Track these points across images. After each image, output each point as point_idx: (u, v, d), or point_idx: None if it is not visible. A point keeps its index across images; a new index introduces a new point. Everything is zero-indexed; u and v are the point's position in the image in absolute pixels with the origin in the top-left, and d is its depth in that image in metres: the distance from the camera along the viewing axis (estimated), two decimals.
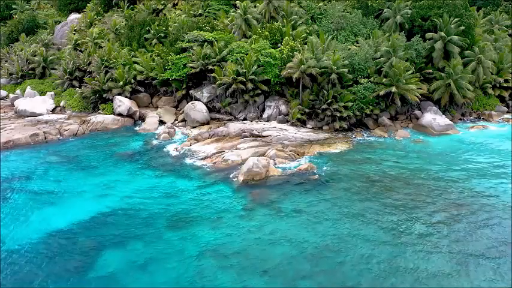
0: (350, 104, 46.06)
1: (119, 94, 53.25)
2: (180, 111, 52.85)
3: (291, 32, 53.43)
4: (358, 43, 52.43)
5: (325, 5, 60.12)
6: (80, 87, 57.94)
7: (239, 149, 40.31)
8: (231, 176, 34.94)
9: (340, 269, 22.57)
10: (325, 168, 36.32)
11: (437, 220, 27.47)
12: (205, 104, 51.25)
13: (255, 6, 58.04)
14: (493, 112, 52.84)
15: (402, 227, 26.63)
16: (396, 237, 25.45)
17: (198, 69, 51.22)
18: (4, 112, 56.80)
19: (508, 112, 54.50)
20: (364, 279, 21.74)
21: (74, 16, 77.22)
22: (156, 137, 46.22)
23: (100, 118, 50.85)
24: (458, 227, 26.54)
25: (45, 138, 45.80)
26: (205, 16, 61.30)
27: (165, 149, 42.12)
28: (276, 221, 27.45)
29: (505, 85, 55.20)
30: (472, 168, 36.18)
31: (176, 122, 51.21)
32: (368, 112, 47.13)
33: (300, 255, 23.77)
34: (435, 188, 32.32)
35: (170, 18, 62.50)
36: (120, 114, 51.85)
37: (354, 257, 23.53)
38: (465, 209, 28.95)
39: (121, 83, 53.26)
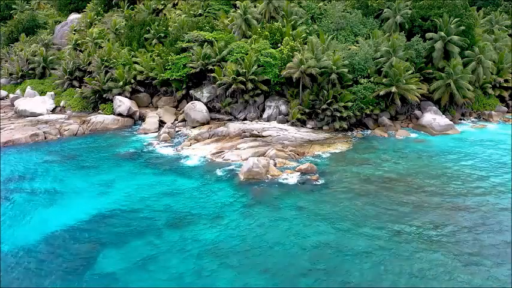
0: (350, 104, 46.06)
1: (119, 94, 53.27)
2: (180, 111, 52.85)
3: (291, 32, 53.44)
4: (358, 43, 52.43)
5: (325, 5, 60.16)
6: (80, 87, 57.98)
7: (239, 149, 40.31)
8: (231, 175, 34.93)
9: (341, 268, 22.55)
10: (325, 168, 36.31)
11: (437, 220, 27.43)
12: (205, 104, 51.25)
13: (255, 6, 58.06)
14: (493, 112, 52.87)
15: (403, 226, 26.60)
16: (397, 237, 25.42)
17: (198, 69, 51.23)
18: (4, 112, 56.83)
19: (508, 112, 54.56)
20: (365, 278, 21.73)
21: (74, 16, 77.29)
22: (156, 136, 46.22)
23: (100, 118, 50.86)
24: (458, 228, 26.50)
25: (45, 138, 45.82)
26: (205, 16, 61.32)
27: (165, 149, 42.11)
28: (276, 220, 27.42)
29: (505, 85, 55.28)
30: (472, 168, 36.15)
31: (176, 122, 51.21)
32: (368, 112, 47.15)
33: (300, 254, 23.77)
34: (435, 187, 32.30)
35: (170, 18, 62.56)
36: (120, 114, 51.85)
37: (354, 256, 23.51)
38: (466, 210, 28.91)
39: (121, 83, 53.28)
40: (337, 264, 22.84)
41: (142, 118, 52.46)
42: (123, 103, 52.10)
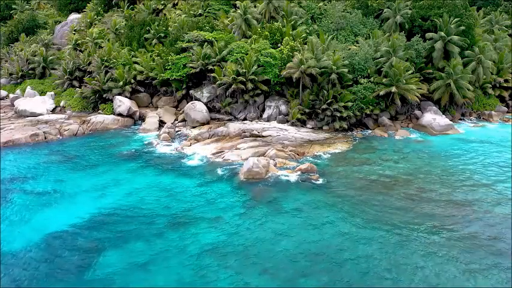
0: (350, 104, 46.06)
1: (119, 94, 53.27)
2: (180, 111, 52.85)
3: (291, 32, 53.44)
4: (358, 43, 52.44)
5: (325, 5, 60.17)
6: (80, 87, 57.97)
7: (239, 149, 40.32)
8: (231, 175, 34.93)
9: (341, 268, 22.55)
10: (325, 168, 36.30)
11: (437, 220, 27.44)
12: (205, 104, 51.25)
13: (255, 6, 58.06)
14: (493, 112, 52.90)
15: (402, 226, 26.60)
16: (396, 237, 25.42)
17: (198, 69, 51.24)
18: (4, 112, 56.81)
19: (508, 112, 54.58)
20: (365, 278, 21.72)
21: (74, 16, 77.28)
22: (156, 137, 46.22)
23: (100, 118, 50.85)
24: (463, 231, 26.49)
25: (45, 138, 45.79)
26: (205, 16, 61.33)
27: (165, 149, 42.10)
28: (275, 220, 27.43)
29: (505, 85, 55.32)
30: (473, 168, 36.14)
31: (176, 122, 51.20)
32: (368, 112, 47.15)
33: (300, 254, 23.76)
34: (436, 188, 32.30)
35: (170, 18, 62.56)
36: (120, 114, 51.85)
37: (354, 256, 23.50)
38: (469, 211, 28.87)
39: (121, 83, 53.27)
40: (337, 264, 22.83)
41: (142, 118, 52.46)
42: (123, 103, 52.09)
